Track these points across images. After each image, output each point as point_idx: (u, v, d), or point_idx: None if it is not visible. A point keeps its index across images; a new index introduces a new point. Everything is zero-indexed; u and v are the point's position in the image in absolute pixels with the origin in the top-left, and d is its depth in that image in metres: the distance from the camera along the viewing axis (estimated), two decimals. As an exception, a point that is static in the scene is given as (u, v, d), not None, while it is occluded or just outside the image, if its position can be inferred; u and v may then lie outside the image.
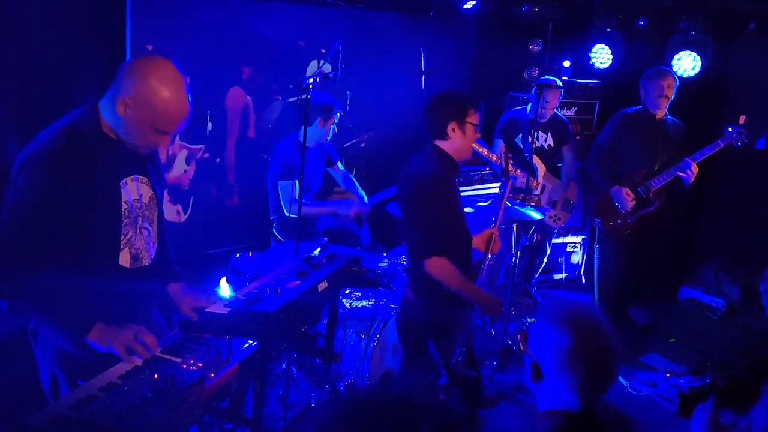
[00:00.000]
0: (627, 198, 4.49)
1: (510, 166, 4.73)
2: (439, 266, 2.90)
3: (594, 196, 4.87)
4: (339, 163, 4.68)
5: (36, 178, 1.99)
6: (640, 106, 4.60)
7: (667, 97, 4.45)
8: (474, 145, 4.29)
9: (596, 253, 4.87)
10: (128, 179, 2.21)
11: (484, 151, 4.66)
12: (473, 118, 3.01)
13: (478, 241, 3.31)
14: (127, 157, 2.18)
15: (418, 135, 3.21)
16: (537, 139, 4.97)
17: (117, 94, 2.04)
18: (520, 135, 5.12)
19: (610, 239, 4.71)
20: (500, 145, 5.06)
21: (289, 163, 4.16)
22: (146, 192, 2.28)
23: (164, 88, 2.03)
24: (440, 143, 3.03)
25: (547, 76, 5.24)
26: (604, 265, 4.82)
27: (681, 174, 4.39)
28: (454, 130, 2.98)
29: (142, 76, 2.03)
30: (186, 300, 2.31)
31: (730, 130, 4.41)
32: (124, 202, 2.18)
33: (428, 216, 2.95)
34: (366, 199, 4.57)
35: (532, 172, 4.99)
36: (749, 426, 2.34)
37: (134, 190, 2.23)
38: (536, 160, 5.08)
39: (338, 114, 4.25)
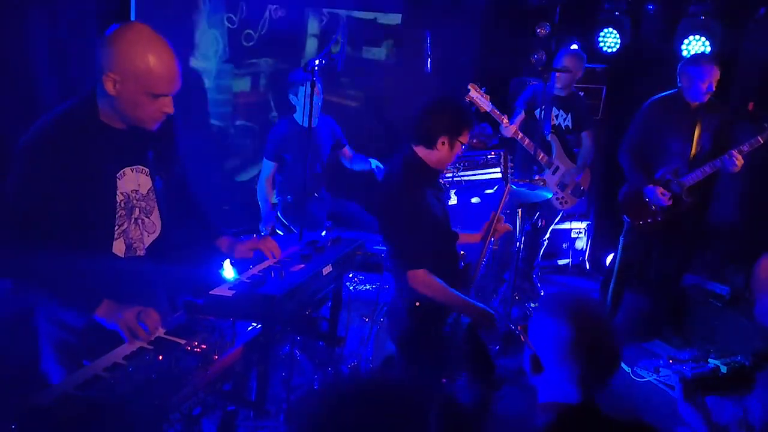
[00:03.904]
0: (662, 198, 4.39)
1: (527, 141, 4.72)
2: (420, 279, 2.81)
3: (622, 190, 4.77)
4: (347, 147, 4.71)
5: (28, 165, 1.99)
6: (674, 90, 4.43)
7: (711, 91, 4.30)
8: (486, 107, 4.24)
9: (620, 245, 4.78)
10: (127, 170, 2.18)
11: (506, 122, 4.60)
12: (465, 137, 2.89)
13: (477, 236, 3.27)
14: (126, 146, 2.15)
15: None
16: (556, 117, 4.86)
17: (101, 72, 1.99)
18: (540, 109, 5.02)
19: (636, 233, 4.64)
20: (517, 119, 4.89)
21: (277, 143, 4.33)
22: (145, 183, 2.24)
23: (142, 49, 1.96)
24: (420, 150, 2.90)
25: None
26: (626, 257, 4.76)
27: (721, 167, 4.26)
28: (444, 143, 2.86)
29: (117, 44, 1.97)
30: (238, 247, 2.44)
31: (766, 126, 4.26)
32: (120, 193, 2.15)
33: (400, 229, 2.86)
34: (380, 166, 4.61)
35: (547, 150, 4.92)
36: (745, 415, 2.34)
37: (132, 181, 2.20)
38: (553, 138, 4.98)
39: (306, 83, 4.19)
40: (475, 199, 5.41)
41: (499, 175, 5.40)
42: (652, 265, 4.95)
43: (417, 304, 2.95)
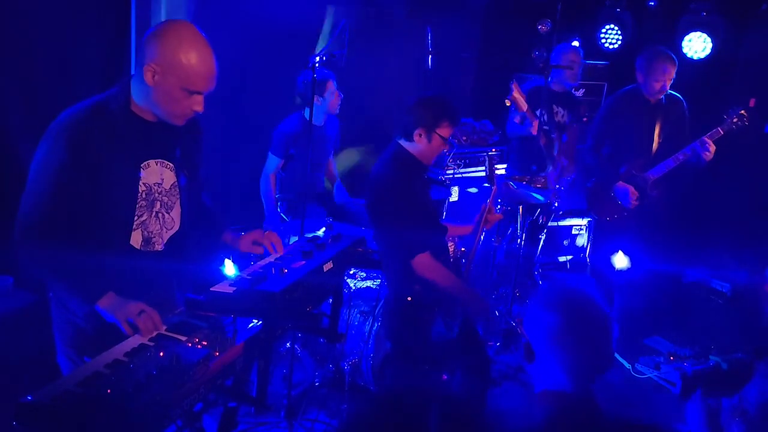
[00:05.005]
0: (631, 196, 4.40)
1: (545, 140, 4.72)
2: (426, 263, 2.88)
3: (587, 186, 4.78)
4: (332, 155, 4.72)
5: (54, 148, 2.03)
6: (634, 85, 4.46)
7: (665, 90, 4.33)
8: (524, 106, 4.23)
9: (588, 239, 4.82)
10: (151, 162, 2.20)
11: (524, 106, 4.57)
12: (445, 131, 2.96)
13: (468, 228, 3.32)
14: (154, 138, 2.18)
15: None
16: (556, 114, 4.88)
17: (142, 63, 2.04)
18: (542, 107, 5.02)
19: (605, 228, 4.66)
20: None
21: (287, 139, 4.26)
22: (168, 177, 2.26)
23: (187, 46, 2.03)
24: (404, 143, 3.00)
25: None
26: (595, 252, 4.78)
27: (692, 155, 4.26)
28: (420, 135, 2.94)
29: (163, 38, 2.04)
30: (243, 240, 2.45)
31: (725, 117, 4.29)
32: (143, 184, 2.17)
33: (396, 219, 2.92)
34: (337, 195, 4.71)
35: (551, 146, 4.91)
36: (741, 402, 2.35)
37: (156, 173, 2.21)
38: (557, 135, 4.97)
39: (332, 82, 4.26)
40: (472, 189, 5.39)
41: (503, 172, 5.38)
42: (640, 261, 4.94)
43: (409, 299, 2.98)
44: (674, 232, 5.32)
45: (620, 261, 4.78)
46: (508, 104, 4.44)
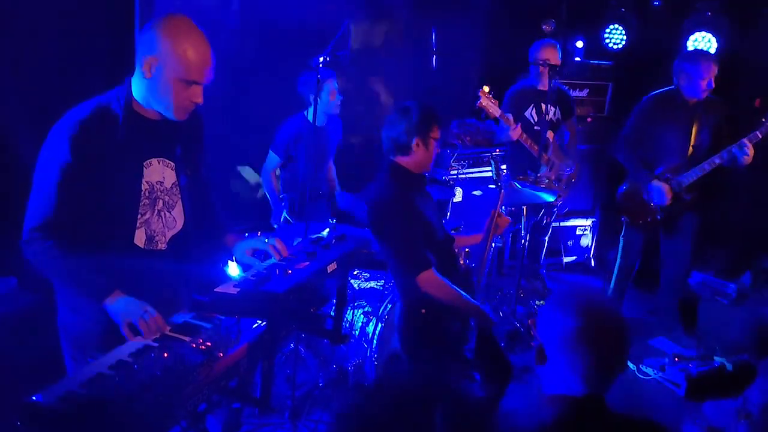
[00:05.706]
0: (667, 196, 4.36)
1: (530, 142, 4.70)
2: (431, 281, 2.85)
3: (621, 189, 4.74)
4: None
5: (57, 148, 2.04)
6: (672, 87, 4.40)
7: (711, 87, 4.27)
8: (496, 112, 4.22)
9: (621, 245, 4.79)
10: (153, 160, 2.21)
11: (513, 125, 4.56)
12: (437, 133, 2.97)
13: (478, 237, 3.30)
14: (155, 137, 2.19)
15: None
16: (546, 112, 4.86)
17: (140, 57, 2.07)
18: (531, 108, 4.98)
19: (636, 231, 4.65)
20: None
21: (288, 139, 4.28)
22: (170, 177, 2.27)
23: (183, 37, 2.05)
24: (400, 159, 2.98)
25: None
26: (626, 257, 4.76)
27: (729, 158, 4.23)
28: (418, 145, 2.93)
29: (158, 31, 2.06)
30: (243, 246, 2.40)
31: (764, 120, 4.23)
32: (146, 182, 2.19)
33: (399, 238, 2.90)
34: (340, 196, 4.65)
35: (545, 147, 4.89)
36: (745, 403, 2.34)
37: (158, 172, 2.23)
38: (550, 134, 4.93)
39: (331, 81, 4.25)
40: (476, 192, 5.38)
41: (504, 172, 5.36)
42: (658, 263, 4.92)
43: (423, 311, 2.95)
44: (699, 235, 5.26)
45: None
46: (477, 109, 4.42)
